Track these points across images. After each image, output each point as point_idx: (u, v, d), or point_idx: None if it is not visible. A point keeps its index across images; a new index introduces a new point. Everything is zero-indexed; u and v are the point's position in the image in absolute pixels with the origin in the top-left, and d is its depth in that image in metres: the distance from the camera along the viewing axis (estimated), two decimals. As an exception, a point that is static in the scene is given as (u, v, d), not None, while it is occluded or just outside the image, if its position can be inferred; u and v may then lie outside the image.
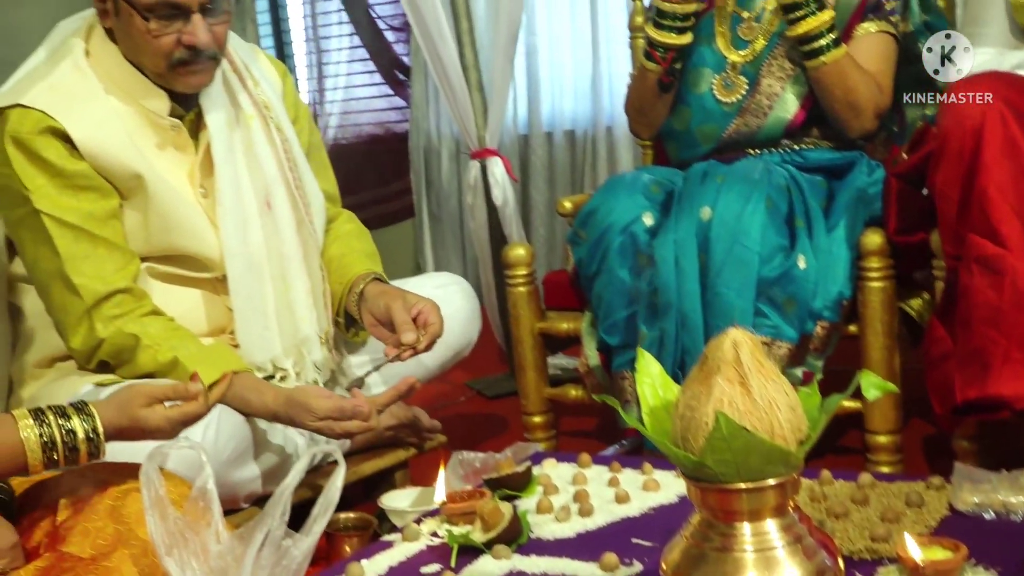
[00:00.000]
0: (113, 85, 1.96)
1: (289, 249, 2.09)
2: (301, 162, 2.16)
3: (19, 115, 1.88)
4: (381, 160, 4.57)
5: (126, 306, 1.92)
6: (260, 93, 2.13)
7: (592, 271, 2.30)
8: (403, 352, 1.99)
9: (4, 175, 1.90)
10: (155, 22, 1.89)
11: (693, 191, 2.20)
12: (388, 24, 4.51)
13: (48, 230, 1.90)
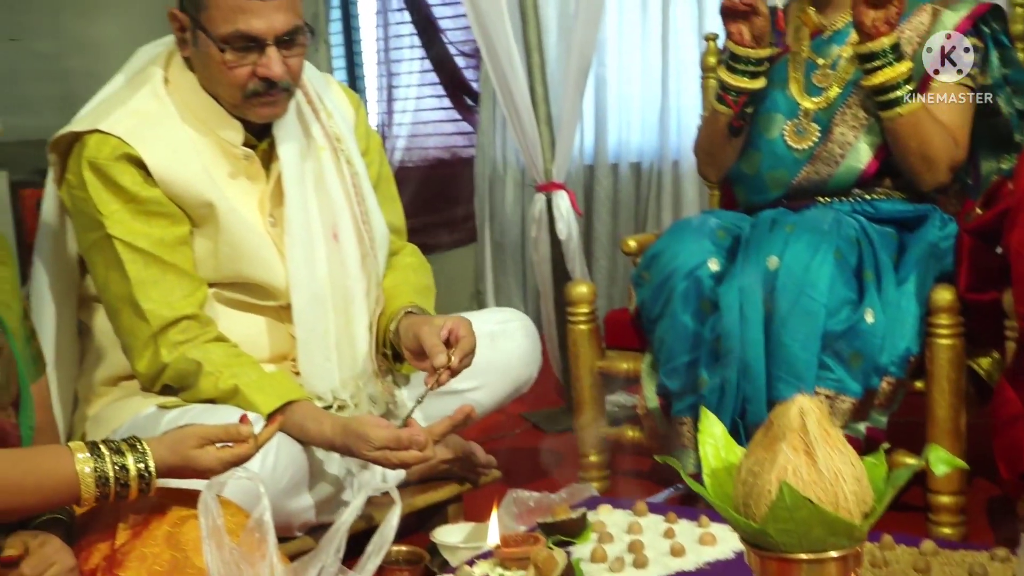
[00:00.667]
0: (189, 113, 1.99)
1: (353, 282, 2.10)
2: (369, 195, 2.17)
3: (97, 141, 1.91)
4: (446, 184, 4.60)
5: (191, 332, 1.94)
6: (332, 125, 2.15)
7: (655, 314, 2.28)
8: (440, 376, 1.97)
9: (80, 199, 1.94)
10: (231, 53, 1.92)
11: (761, 239, 2.18)
12: (459, 50, 4.54)
13: (119, 255, 1.92)
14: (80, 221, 1.97)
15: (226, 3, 1.89)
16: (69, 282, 2.08)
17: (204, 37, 1.92)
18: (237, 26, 1.89)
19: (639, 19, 3.98)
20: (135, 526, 1.57)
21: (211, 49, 1.92)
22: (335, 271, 2.07)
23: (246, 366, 1.95)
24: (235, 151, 2.01)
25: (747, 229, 2.27)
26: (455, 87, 4.56)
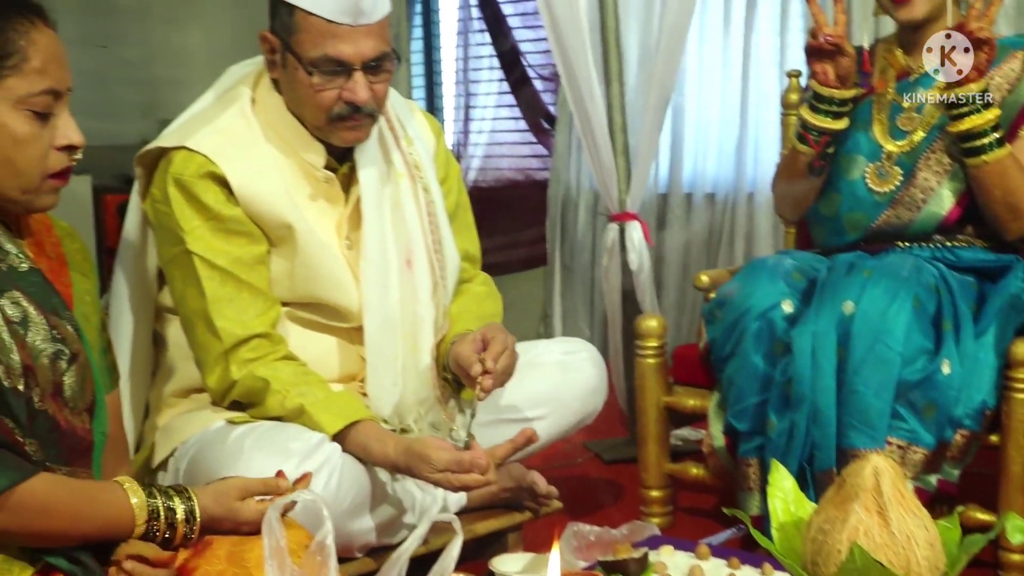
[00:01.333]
0: (274, 134, 2.02)
1: (423, 310, 2.11)
2: (443, 224, 2.18)
3: (183, 157, 1.95)
4: (518, 206, 4.61)
5: (261, 350, 1.96)
6: (412, 152, 2.16)
7: (725, 353, 2.27)
8: (483, 383, 1.95)
9: (164, 213, 1.97)
10: (318, 76, 1.94)
11: (837, 282, 2.15)
12: (538, 73, 4.56)
13: (198, 271, 1.95)
14: (162, 235, 2.01)
15: (316, 27, 1.91)
16: (147, 293, 2.11)
17: (293, 60, 1.95)
18: (326, 50, 1.92)
19: (720, 49, 3.96)
20: (199, 543, 1.59)
21: (299, 72, 1.94)
22: (406, 298, 2.09)
23: (313, 385, 1.97)
24: (316, 173, 2.03)
25: (823, 272, 2.24)
26: (532, 110, 4.58)
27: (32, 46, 1.50)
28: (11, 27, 1.49)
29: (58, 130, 1.54)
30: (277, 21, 1.97)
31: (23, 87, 1.49)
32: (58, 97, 1.53)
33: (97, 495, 1.53)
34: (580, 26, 2.98)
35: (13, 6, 1.51)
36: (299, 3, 1.92)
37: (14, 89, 1.49)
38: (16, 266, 1.54)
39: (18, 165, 1.51)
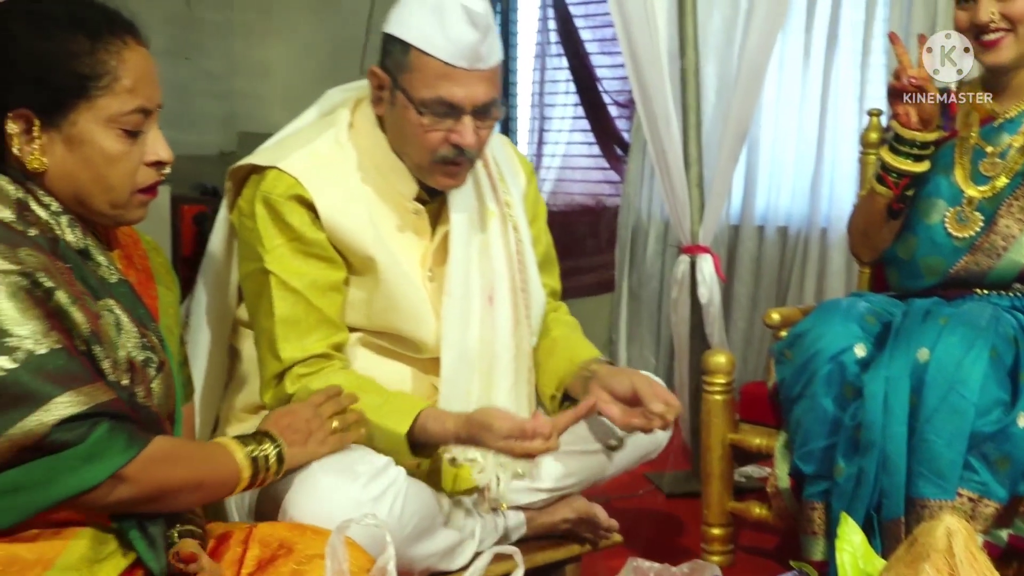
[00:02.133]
0: (368, 161, 2.02)
1: (501, 348, 2.10)
2: (530, 264, 2.17)
3: (274, 176, 1.96)
4: (588, 231, 4.62)
5: (316, 366, 1.97)
6: (504, 190, 2.16)
7: (795, 393, 2.25)
8: (653, 422, 1.97)
9: (248, 228, 1.99)
10: (428, 117, 1.93)
11: (912, 329, 2.13)
12: (613, 99, 4.56)
13: (271, 289, 1.97)
14: (243, 249, 2.03)
15: (431, 68, 1.90)
16: (227, 306, 2.13)
17: (403, 98, 1.94)
18: (439, 92, 1.91)
19: (799, 82, 3.94)
20: (262, 559, 1.62)
21: (409, 111, 1.93)
22: (486, 335, 2.08)
23: (369, 392, 1.96)
24: (407, 204, 2.03)
25: (899, 317, 2.21)
26: (606, 135, 4.58)
27: (123, 65, 1.54)
28: (103, 47, 1.53)
29: (147, 146, 1.58)
30: (389, 58, 1.96)
31: (114, 106, 1.53)
32: (148, 114, 1.57)
33: (207, 450, 1.68)
34: (659, 56, 2.98)
35: (106, 25, 1.55)
36: (416, 43, 1.91)
37: (105, 108, 1.53)
38: (107, 277, 1.59)
39: (109, 181, 1.56)
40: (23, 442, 1.39)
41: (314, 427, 1.81)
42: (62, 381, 1.42)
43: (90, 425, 1.43)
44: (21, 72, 1.50)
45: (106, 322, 1.53)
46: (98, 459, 1.44)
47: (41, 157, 1.53)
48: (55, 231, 1.54)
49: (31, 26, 1.52)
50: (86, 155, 1.54)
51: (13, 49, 1.51)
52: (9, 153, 1.52)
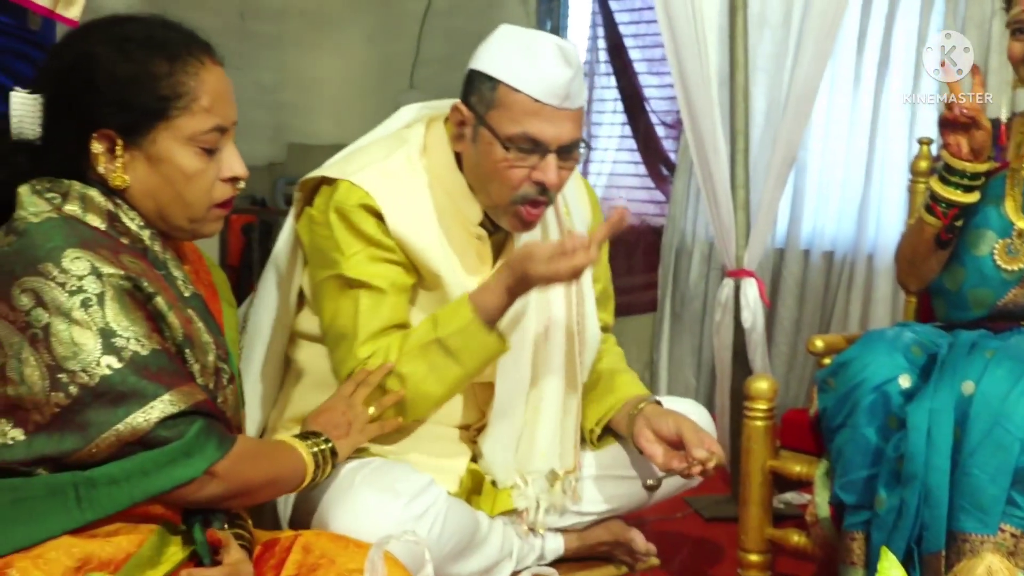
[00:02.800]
0: (437, 183, 2.02)
1: (550, 383, 2.10)
2: (588, 299, 2.17)
3: (346, 188, 1.96)
4: (632, 250, 4.62)
5: (384, 343, 1.96)
6: (569, 222, 2.16)
7: (837, 422, 2.24)
8: (693, 466, 1.98)
9: (323, 236, 1.99)
10: (513, 153, 1.92)
11: (958, 361, 2.11)
12: (661, 120, 4.57)
13: (353, 292, 1.96)
14: (316, 257, 2.02)
15: (520, 105, 1.90)
16: (286, 317, 2.13)
17: (487, 134, 1.93)
18: (526, 128, 1.91)
19: (849, 107, 3.93)
20: (302, 567, 1.65)
21: (493, 147, 1.93)
22: (537, 368, 2.09)
23: (417, 329, 1.96)
24: (471, 229, 2.03)
25: (944, 348, 2.20)
26: (653, 156, 4.59)
27: (201, 86, 1.59)
28: (182, 68, 1.58)
29: (223, 162, 1.63)
30: (474, 95, 1.96)
31: (192, 126, 1.58)
32: (224, 132, 1.62)
33: (280, 448, 1.76)
34: (708, 79, 2.99)
35: (184, 46, 1.60)
36: (506, 79, 1.91)
37: (184, 128, 1.58)
38: (184, 290, 1.63)
39: (187, 197, 1.61)
40: (128, 437, 1.47)
41: (351, 418, 1.89)
42: (164, 380, 1.49)
43: (187, 423, 1.50)
44: (104, 94, 1.56)
45: (196, 327, 1.59)
46: (193, 456, 1.51)
47: (123, 175, 1.58)
48: (144, 242, 1.60)
49: (113, 49, 1.57)
50: (166, 172, 1.59)
51: (96, 72, 1.56)
52: (94, 171, 1.58)
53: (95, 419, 1.46)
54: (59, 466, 1.47)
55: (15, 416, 1.46)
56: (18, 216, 1.53)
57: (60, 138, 1.59)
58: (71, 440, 1.46)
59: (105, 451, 1.47)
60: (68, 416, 1.45)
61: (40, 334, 1.45)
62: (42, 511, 1.46)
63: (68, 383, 1.45)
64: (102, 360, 1.46)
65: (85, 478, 1.47)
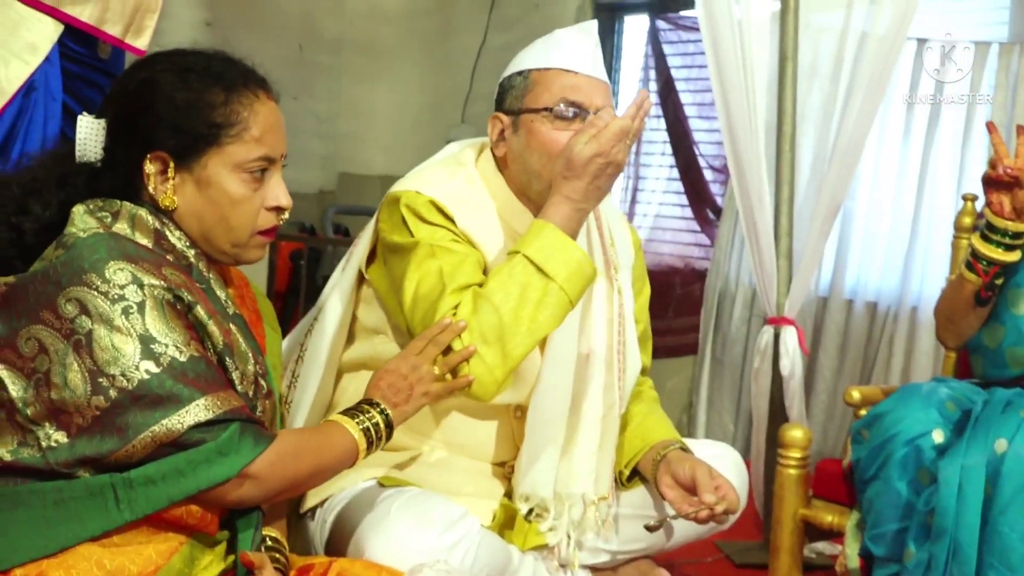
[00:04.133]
0: (493, 201, 2.10)
1: (589, 407, 2.14)
2: (630, 329, 2.22)
3: (414, 194, 2.03)
4: (675, 293, 4.65)
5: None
6: (613, 254, 2.22)
7: (869, 474, 2.27)
8: (701, 511, 2.01)
9: (396, 232, 2.03)
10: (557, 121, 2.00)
11: (992, 418, 2.14)
12: (709, 163, 4.61)
13: (435, 251, 1.98)
14: (392, 256, 2.05)
15: (552, 77, 2.02)
16: (337, 353, 2.19)
17: (527, 119, 2.03)
18: (564, 94, 2.01)
19: (897, 159, 3.96)
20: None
21: (534, 124, 2.02)
22: (577, 391, 2.13)
23: (500, 270, 1.94)
24: None
25: (979, 405, 2.23)
26: (699, 199, 4.63)
27: (253, 117, 1.67)
28: (237, 99, 1.66)
29: (269, 191, 1.70)
30: (508, 98, 2.07)
31: (241, 153, 1.66)
32: (272, 163, 1.70)
33: (325, 433, 1.75)
34: (756, 128, 3.03)
35: (241, 79, 1.68)
36: (535, 65, 2.04)
37: (233, 155, 1.66)
38: (226, 309, 1.71)
39: (231, 222, 1.68)
40: (164, 439, 1.52)
41: (414, 380, 1.85)
42: (200, 386, 1.54)
43: (222, 427, 1.55)
44: (162, 118, 1.64)
45: (235, 338, 1.66)
46: (228, 455, 1.55)
47: (173, 196, 1.66)
48: (188, 259, 1.67)
49: (173, 76, 1.66)
50: (213, 196, 1.66)
51: (156, 96, 1.65)
52: (145, 191, 1.66)
53: (133, 421, 1.51)
54: (100, 467, 1.52)
55: (58, 420, 1.52)
56: (68, 232, 1.60)
57: (118, 159, 1.67)
58: (110, 441, 1.51)
59: (142, 452, 1.52)
60: (108, 418, 1.51)
61: (83, 340, 1.51)
62: (83, 512, 1.51)
63: (108, 387, 1.51)
64: (140, 365, 1.51)
65: (123, 479, 1.52)
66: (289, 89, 1.80)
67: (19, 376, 1.53)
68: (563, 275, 1.90)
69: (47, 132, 2.35)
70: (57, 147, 1.80)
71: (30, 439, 1.53)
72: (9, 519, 1.51)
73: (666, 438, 2.19)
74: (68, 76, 2.43)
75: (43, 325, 1.53)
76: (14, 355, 1.54)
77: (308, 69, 5.22)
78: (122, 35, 2.44)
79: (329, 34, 5.36)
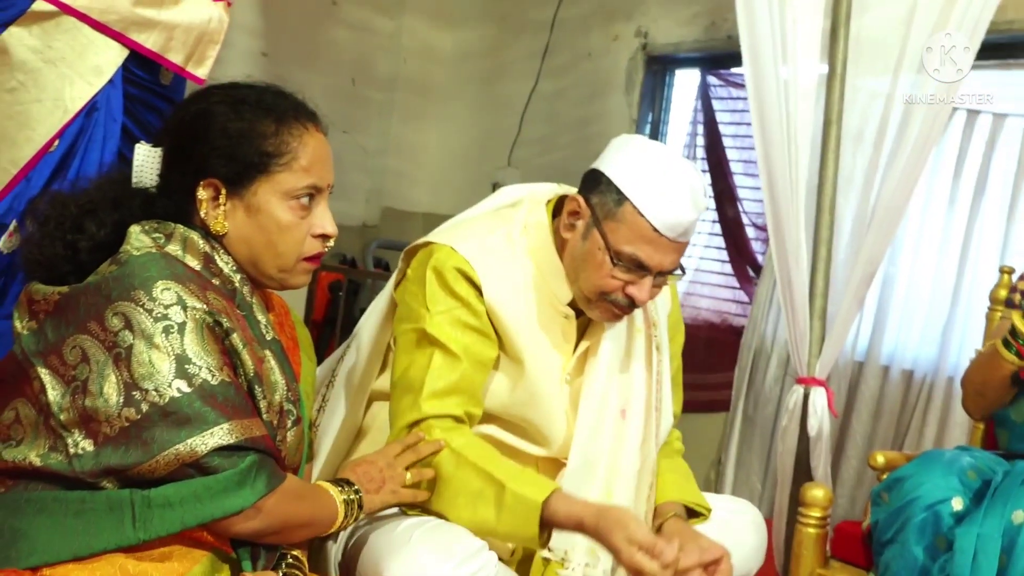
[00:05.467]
0: (533, 261, 2.14)
1: (626, 462, 2.18)
2: (666, 384, 2.27)
3: (448, 252, 2.09)
4: (711, 348, 4.70)
5: (450, 424, 2.06)
6: (653, 311, 2.27)
7: (887, 537, 2.31)
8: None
9: (414, 293, 2.12)
10: (618, 267, 2.04)
11: (1010, 490, 2.18)
12: (752, 221, 4.67)
13: (428, 349, 2.07)
14: (404, 311, 2.13)
15: (639, 228, 2.01)
16: (369, 378, 2.26)
17: (599, 239, 2.04)
18: (638, 252, 2.02)
19: (941, 227, 4.01)
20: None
21: (601, 253, 2.04)
22: (614, 447, 2.17)
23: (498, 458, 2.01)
24: (559, 308, 2.14)
25: (999, 475, 2.27)
26: (740, 255, 4.69)
27: (303, 148, 1.77)
28: (287, 130, 1.77)
29: (316, 220, 1.80)
30: (596, 196, 2.06)
31: (290, 182, 1.76)
32: (319, 191, 1.80)
33: (318, 492, 1.85)
34: (796, 188, 3.08)
35: (293, 112, 1.79)
36: (635, 200, 2.01)
37: (282, 183, 1.76)
38: (265, 334, 1.80)
39: (278, 248, 1.78)
40: (186, 458, 1.59)
41: (387, 476, 1.96)
42: (226, 411, 1.62)
43: (241, 456, 1.62)
44: (215, 146, 1.75)
45: (267, 367, 1.75)
46: (244, 488, 1.62)
47: (223, 221, 1.76)
48: (234, 283, 1.77)
49: (227, 108, 1.76)
50: (262, 222, 1.76)
51: (211, 126, 1.75)
52: (197, 216, 1.76)
53: (159, 436, 1.58)
54: (123, 480, 1.59)
55: (87, 428, 1.59)
56: (123, 250, 1.70)
57: (172, 185, 1.78)
58: (135, 454, 1.58)
59: (164, 468, 1.58)
60: (135, 431, 1.58)
61: (123, 353, 1.59)
62: (100, 525, 1.58)
63: (140, 400, 1.58)
64: (173, 383, 1.59)
65: (143, 497, 1.58)
66: (339, 123, 1.90)
67: (59, 382, 1.62)
68: (505, 531, 1.96)
69: (106, 151, 2.47)
70: (113, 171, 1.91)
71: (59, 445, 1.60)
72: (32, 523, 1.58)
73: (672, 499, 2.19)
74: (129, 99, 2.56)
75: (88, 335, 1.62)
76: (58, 361, 1.63)
77: (359, 104, 5.33)
78: (184, 63, 2.56)
79: (382, 71, 5.47)
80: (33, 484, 1.62)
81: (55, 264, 1.74)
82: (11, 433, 1.65)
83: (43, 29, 2.41)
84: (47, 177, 2.43)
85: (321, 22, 5.14)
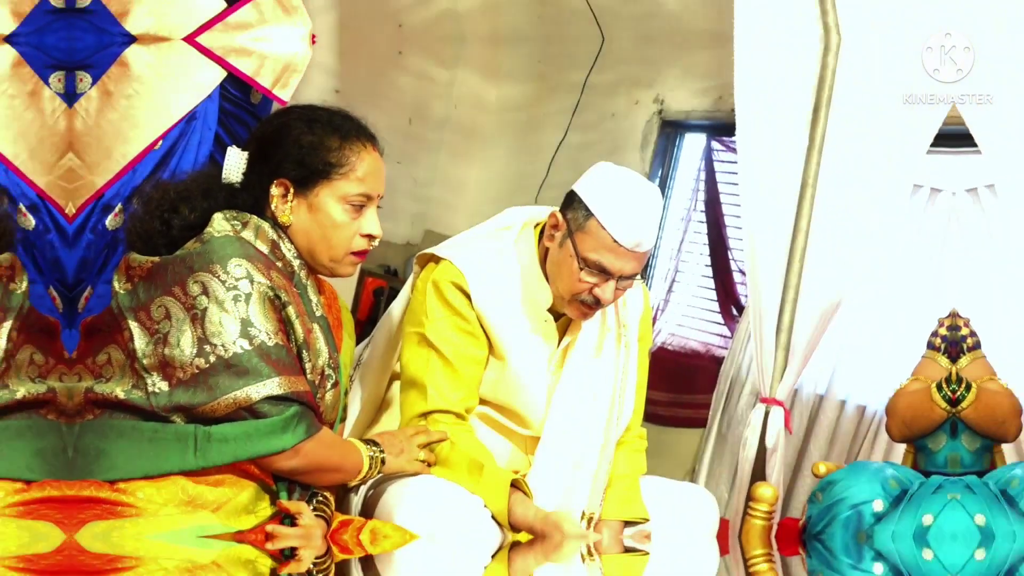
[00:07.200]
0: (519, 271, 2.28)
1: (593, 437, 2.30)
2: (631, 378, 2.38)
3: (446, 266, 2.24)
4: (693, 373, 4.78)
5: (452, 420, 2.23)
6: (624, 312, 2.38)
7: (817, 530, 2.40)
8: None
9: (419, 301, 2.27)
10: (585, 272, 2.18)
11: (924, 496, 2.27)
12: (739, 267, 4.76)
13: (427, 350, 2.22)
14: (410, 315, 2.29)
15: (602, 239, 2.15)
16: (390, 360, 2.39)
17: (570, 248, 2.18)
18: (601, 260, 2.16)
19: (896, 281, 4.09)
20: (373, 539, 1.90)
21: (572, 260, 2.18)
22: (583, 423, 2.30)
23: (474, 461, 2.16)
24: (541, 312, 2.28)
25: (915, 485, 2.35)
26: (727, 297, 4.77)
27: (360, 162, 1.93)
28: (350, 147, 1.92)
29: (365, 221, 1.95)
30: (571, 213, 2.21)
31: (346, 188, 1.91)
32: (370, 199, 1.95)
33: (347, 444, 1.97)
34: (776, 240, 3.18)
35: (355, 132, 1.94)
36: (599, 216, 2.15)
37: (340, 188, 1.91)
38: (315, 310, 1.94)
39: (331, 241, 1.92)
40: (242, 403, 1.73)
41: (406, 447, 2.09)
42: (278, 368, 1.76)
43: (287, 405, 1.75)
44: (289, 153, 1.90)
45: (314, 337, 1.89)
46: (288, 432, 1.76)
47: (289, 215, 1.91)
48: (294, 267, 1.91)
49: (302, 124, 1.92)
50: (320, 219, 1.91)
51: (287, 137, 1.91)
52: (268, 209, 1.91)
53: (222, 383, 1.72)
54: (189, 417, 1.73)
55: (164, 372, 1.73)
56: (207, 231, 1.85)
57: (252, 182, 1.93)
58: (201, 396, 1.72)
59: (223, 410, 1.72)
60: (203, 378, 1.72)
61: (199, 314, 1.73)
62: (168, 451, 1.72)
63: (209, 353, 1.72)
64: (237, 341, 1.73)
65: (204, 432, 1.72)
66: (395, 155, 2.04)
67: (145, 333, 1.76)
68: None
69: (200, 153, 2.62)
70: (206, 168, 2.07)
71: (141, 384, 1.74)
72: (113, 445, 1.72)
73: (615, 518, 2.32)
74: (223, 112, 2.71)
75: (172, 298, 1.76)
76: (146, 317, 1.77)
77: (413, 140, 5.43)
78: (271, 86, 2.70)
79: (436, 114, 5.58)
80: (117, 414, 1.75)
81: (152, 237, 1.88)
82: (103, 372, 1.78)
83: (159, 48, 2.57)
84: (150, 170, 2.58)
85: (388, 68, 5.25)
